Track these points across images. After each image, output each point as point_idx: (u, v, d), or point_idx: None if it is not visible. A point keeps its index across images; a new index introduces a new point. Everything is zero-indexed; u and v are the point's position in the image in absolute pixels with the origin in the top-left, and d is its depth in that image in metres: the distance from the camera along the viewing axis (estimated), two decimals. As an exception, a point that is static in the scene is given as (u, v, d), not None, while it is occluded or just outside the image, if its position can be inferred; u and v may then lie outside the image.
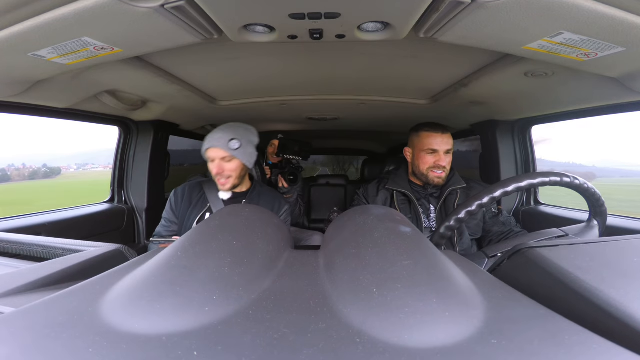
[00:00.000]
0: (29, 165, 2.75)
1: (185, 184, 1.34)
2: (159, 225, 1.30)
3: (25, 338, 0.24)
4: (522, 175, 0.64)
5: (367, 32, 0.73)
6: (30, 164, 2.85)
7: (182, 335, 0.25)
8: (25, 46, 0.72)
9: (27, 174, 2.66)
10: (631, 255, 0.40)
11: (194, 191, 1.30)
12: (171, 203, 1.29)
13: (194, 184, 1.33)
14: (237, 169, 1.23)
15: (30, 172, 2.68)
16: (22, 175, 2.60)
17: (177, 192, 1.30)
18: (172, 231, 1.28)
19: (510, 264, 0.43)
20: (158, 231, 1.29)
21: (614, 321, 0.29)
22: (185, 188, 1.31)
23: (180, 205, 1.28)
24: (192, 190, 1.30)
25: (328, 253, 0.43)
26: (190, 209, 1.26)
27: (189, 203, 1.27)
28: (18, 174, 2.59)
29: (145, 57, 1.00)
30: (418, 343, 0.25)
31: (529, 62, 0.92)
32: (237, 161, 1.22)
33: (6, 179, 2.50)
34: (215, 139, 1.21)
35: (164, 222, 1.29)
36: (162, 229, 1.29)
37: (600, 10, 0.58)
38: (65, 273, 0.42)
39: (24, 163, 2.71)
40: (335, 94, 1.47)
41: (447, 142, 1.21)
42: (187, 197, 1.28)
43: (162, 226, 1.29)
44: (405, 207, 1.23)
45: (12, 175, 2.62)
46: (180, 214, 1.27)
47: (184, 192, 1.29)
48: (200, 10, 0.63)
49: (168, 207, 1.29)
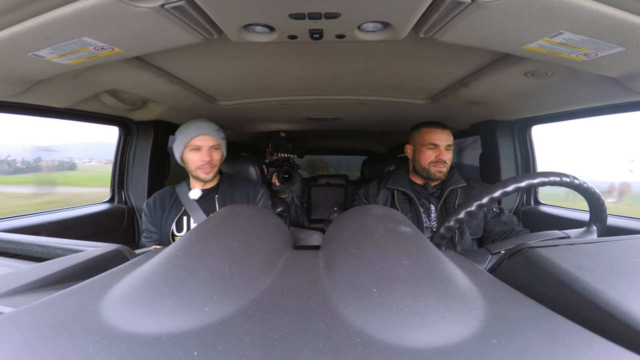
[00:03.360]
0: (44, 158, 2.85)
1: (156, 192, 1.32)
2: (142, 237, 1.29)
3: (25, 338, 0.24)
4: (522, 175, 0.64)
5: (367, 32, 0.73)
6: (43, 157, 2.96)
7: (182, 335, 0.25)
8: (25, 46, 0.72)
9: (55, 166, 2.75)
10: (631, 255, 0.40)
11: (165, 197, 1.28)
12: (146, 215, 1.27)
13: (164, 191, 1.31)
14: (221, 159, 1.25)
15: (57, 164, 2.78)
16: (50, 167, 2.69)
17: (149, 203, 1.28)
18: (155, 241, 1.27)
19: (510, 264, 0.43)
20: (142, 243, 1.29)
21: (614, 321, 0.29)
22: (155, 197, 1.29)
23: (154, 214, 1.26)
24: (163, 197, 1.28)
25: (328, 253, 0.43)
26: (165, 215, 1.25)
27: (162, 210, 1.26)
28: (46, 165, 2.68)
29: (145, 57, 1.00)
30: (418, 343, 0.25)
31: (529, 62, 0.92)
32: (221, 151, 1.24)
33: (37, 169, 2.57)
34: (203, 127, 1.20)
35: (145, 233, 1.28)
36: (145, 241, 1.28)
37: (600, 10, 0.58)
38: (65, 273, 0.42)
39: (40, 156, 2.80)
40: (335, 93, 1.47)
41: (447, 138, 1.24)
42: (159, 205, 1.26)
43: (145, 238, 1.28)
44: (405, 206, 1.23)
45: (42, 167, 2.72)
46: (157, 223, 1.26)
47: (155, 200, 1.28)
48: (200, 10, 0.63)
49: (145, 218, 1.28)
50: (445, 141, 1.23)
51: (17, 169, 2.53)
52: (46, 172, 2.68)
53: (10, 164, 2.55)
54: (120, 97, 1.36)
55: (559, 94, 1.18)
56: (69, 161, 3.04)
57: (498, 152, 1.70)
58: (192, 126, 1.20)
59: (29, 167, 2.62)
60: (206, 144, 1.19)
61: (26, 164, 2.67)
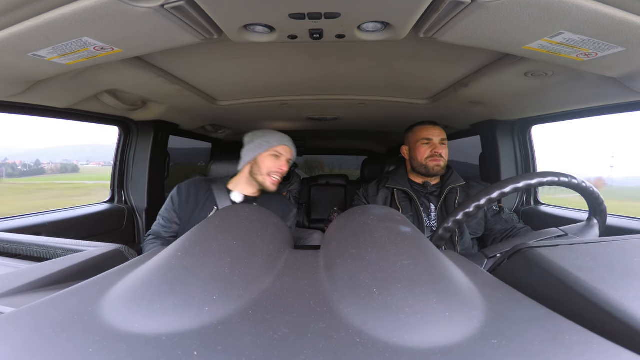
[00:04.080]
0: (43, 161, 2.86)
1: (190, 181, 1.22)
2: (156, 224, 1.18)
3: (25, 338, 0.24)
4: (520, 176, 0.64)
5: (367, 32, 0.73)
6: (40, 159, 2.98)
7: (182, 335, 0.25)
8: (25, 46, 0.72)
9: (57, 169, 2.78)
10: (631, 255, 0.40)
11: (200, 190, 1.19)
12: (173, 202, 1.17)
13: (199, 182, 1.22)
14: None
15: (60, 166, 2.81)
16: (54, 170, 2.72)
17: (181, 190, 1.17)
18: (172, 232, 1.18)
19: (510, 264, 0.43)
20: (156, 231, 1.17)
21: (614, 321, 0.29)
22: (190, 186, 1.19)
23: (185, 205, 1.16)
24: (198, 189, 1.19)
25: (328, 253, 0.43)
26: (197, 210, 1.16)
27: (195, 202, 1.17)
28: (50, 168, 2.71)
29: (145, 57, 1.00)
30: (418, 343, 0.25)
31: (529, 62, 0.92)
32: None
33: (41, 172, 2.60)
34: (289, 140, 1.24)
35: (163, 221, 1.17)
36: (160, 229, 1.17)
37: (600, 10, 0.58)
38: (65, 273, 0.42)
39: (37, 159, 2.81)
40: (335, 93, 1.47)
41: (440, 133, 1.27)
42: (193, 196, 1.17)
43: (161, 226, 1.17)
44: (406, 205, 1.24)
45: (46, 170, 2.74)
46: (184, 215, 1.16)
47: (189, 190, 1.17)
48: (200, 10, 0.63)
49: (169, 205, 1.17)
50: (438, 136, 1.26)
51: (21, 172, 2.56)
52: (49, 174, 2.69)
53: (13, 167, 2.57)
54: (120, 97, 1.36)
55: (559, 94, 1.18)
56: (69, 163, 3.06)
57: (498, 152, 1.70)
58: (279, 135, 1.22)
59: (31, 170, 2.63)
60: (287, 156, 1.22)
61: (27, 167, 2.68)
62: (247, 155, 1.22)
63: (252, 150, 1.21)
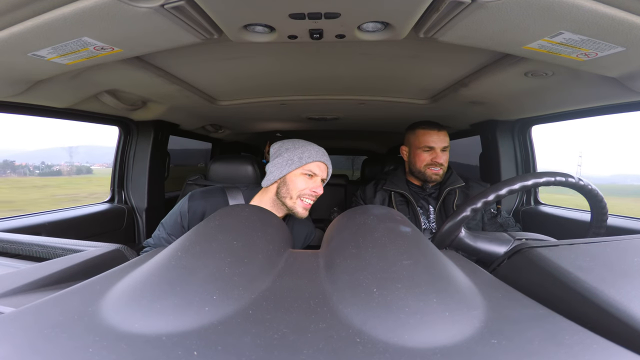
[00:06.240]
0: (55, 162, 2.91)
1: (204, 192, 1.02)
2: (158, 236, 1.00)
3: (25, 338, 0.24)
4: (517, 177, 0.64)
5: (367, 32, 0.73)
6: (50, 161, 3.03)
7: (182, 335, 0.25)
8: (25, 46, 0.72)
9: (74, 170, 2.83)
10: (631, 255, 0.39)
11: (216, 207, 0.96)
12: (182, 218, 0.97)
13: (214, 199, 1.00)
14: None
15: (77, 168, 2.87)
16: (70, 171, 2.76)
17: (193, 207, 0.97)
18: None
19: (510, 264, 0.43)
20: (156, 244, 1.00)
21: (614, 321, 0.29)
22: (205, 205, 0.98)
23: (195, 224, 0.84)
24: (213, 206, 0.98)
25: (328, 253, 0.43)
26: None
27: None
28: (67, 170, 2.76)
29: (145, 57, 1.00)
30: (418, 343, 0.25)
31: (529, 62, 0.92)
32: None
33: (58, 173, 2.63)
34: (324, 154, 1.00)
35: (166, 234, 0.99)
36: (163, 243, 0.99)
37: (600, 10, 0.58)
38: (65, 273, 0.42)
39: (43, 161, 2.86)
40: (335, 93, 1.47)
41: (443, 140, 1.22)
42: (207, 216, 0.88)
43: (163, 239, 0.99)
44: (403, 208, 1.23)
45: (63, 171, 2.78)
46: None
47: (204, 209, 0.97)
48: (200, 10, 0.63)
49: (176, 219, 0.97)
50: (441, 143, 1.21)
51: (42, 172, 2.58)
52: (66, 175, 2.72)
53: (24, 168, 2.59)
54: (120, 97, 1.36)
55: (559, 94, 1.18)
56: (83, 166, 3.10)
57: (498, 152, 1.70)
58: (313, 149, 0.99)
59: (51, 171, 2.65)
60: (322, 175, 0.98)
61: (40, 168, 2.71)
62: (273, 173, 0.98)
63: (280, 165, 0.97)
